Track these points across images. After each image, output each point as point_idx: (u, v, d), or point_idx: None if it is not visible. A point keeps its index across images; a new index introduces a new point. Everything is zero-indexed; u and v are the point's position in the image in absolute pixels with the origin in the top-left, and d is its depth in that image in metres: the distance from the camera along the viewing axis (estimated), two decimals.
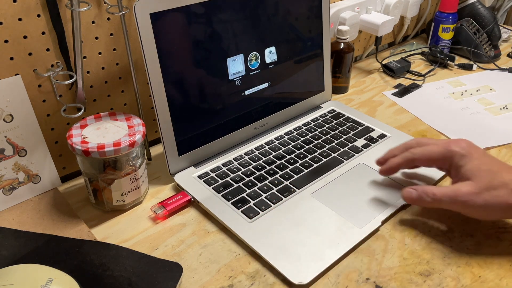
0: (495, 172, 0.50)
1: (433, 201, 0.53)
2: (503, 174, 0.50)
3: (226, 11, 0.63)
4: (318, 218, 0.57)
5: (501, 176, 0.50)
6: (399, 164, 0.58)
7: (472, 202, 0.50)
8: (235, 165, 0.66)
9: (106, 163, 0.55)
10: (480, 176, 0.50)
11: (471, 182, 0.51)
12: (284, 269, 0.50)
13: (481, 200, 0.50)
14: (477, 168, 0.51)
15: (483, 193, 0.49)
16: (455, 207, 0.52)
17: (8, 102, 0.57)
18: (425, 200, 0.53)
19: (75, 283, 0.46)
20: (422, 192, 0.53)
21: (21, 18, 0.55)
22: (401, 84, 0.95)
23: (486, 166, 0.51)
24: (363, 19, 0.94)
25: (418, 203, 0.55)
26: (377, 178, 0.64)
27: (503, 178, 0.49)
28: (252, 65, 0.69)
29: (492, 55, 1.04)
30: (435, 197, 0.52)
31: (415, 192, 0.54)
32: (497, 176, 0.50)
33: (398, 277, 0.50)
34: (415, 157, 0.56)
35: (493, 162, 0.52)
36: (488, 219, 0.52)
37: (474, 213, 0.52)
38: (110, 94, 0.68)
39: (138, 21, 0.55)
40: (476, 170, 0.51)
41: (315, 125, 0.77)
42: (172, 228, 0.58)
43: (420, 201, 0.54)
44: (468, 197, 0.50)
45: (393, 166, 0.58)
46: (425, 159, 0.56)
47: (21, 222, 0.58)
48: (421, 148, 0.56)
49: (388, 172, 0.60)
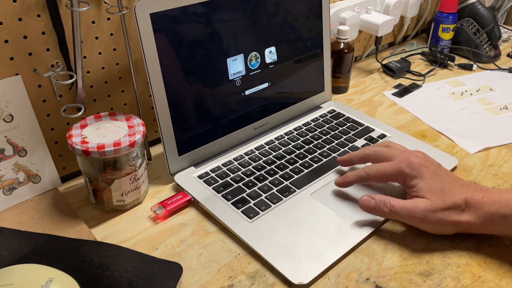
0: (446, 192, 0.52)
1: (390, 213, 0.54)
2: (454, 193, 0.52)
3: (226, 11, 0.63)
4: (318, 218, 0.57)
5: (452, 195, 0.52)
6: (353, 181, 0.60)
7: (428, 220, 0.52)
8: (235, 165, 0.66)
9: (106, 163, 0.55)
10: (434, 195, 0.52)
11: (428, 200, 0.52)
12: (284, 269, 0.50)
13: (436, 218, 0.52)
14: (429, 187, 0.53)
15: (438, 212, 0.52)
16: (410, 221, 0.54)
17: (8, 102, 0.57)
18: (383, 210, 0.54)
19: (75, 283, 0.46)
20: (380, 202, 0.54)
21: (21, 18, 0.55)
22: (401, 84, 0.95)
23: (437, 185, 0.53)
24: (363, 19, 0.94)
25: (374, 213, 0.55)
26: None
27: (454, 198, 0.52)
28: (252, 65, 0.69)
29: (492, 55, 1.04)
30: (393, 209, 0.53)
31: (373, 202, 0.55)
32: (449, 195, 0.52)
33: (398, 277, 0.50)
34: (369, 177, 0.58)
35: (444, 180, 0.54)
36: (439, 233, 0.54)
37: (428, 229, 0.54)
38: (110, 94, 0.68)
39: (138, 21, 0.55)
40: (428, 189, 0.53)
41: (315, 125, 0.77)
42: (172, 228, 0.58)
43: (376, 211, 0.55)
44: (425, 214, 0.52)
45: (347, 181, 0.60)
46: (378, 178, 0.58)
47: (21, 222, 0.58)
48: (375, 167, 0.57)
49: (342, 186, 0.61)
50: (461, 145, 0.74)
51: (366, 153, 0.60)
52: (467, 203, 0.51)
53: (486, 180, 0.65)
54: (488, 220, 0.50)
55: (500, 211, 0.50)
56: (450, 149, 0.73)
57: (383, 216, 0.55)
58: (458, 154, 0.72)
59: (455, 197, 0.52)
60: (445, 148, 0.73)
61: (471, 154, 0.72)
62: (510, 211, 0.49)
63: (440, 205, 0.51)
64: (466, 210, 0.51)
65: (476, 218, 0.51)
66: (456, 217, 0.51)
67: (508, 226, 0.50)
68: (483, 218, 0.51)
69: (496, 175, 0.67)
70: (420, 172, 0.54)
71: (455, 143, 0.75)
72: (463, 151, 0.72)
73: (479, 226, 0.51)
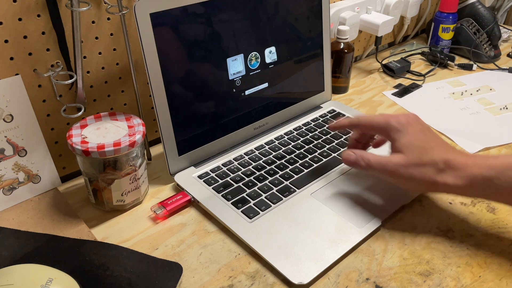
0: (426, 149, 0.52)
1: (367, 166, 0.55)
2: (434, 152, 0.52)
3: (226, 11, 0.63)
4: (318, 218, 0.57)
5: (432, 154, 0.52)
6: (344, 125, 0.62)
7: (399, 173, 0.53)
8: (235, 165, 0.66)
9: (106, 163, 0.55)
10: (411, 151, 0.53)
11: (403, 155, 0.53)
12: (284, 269, 0.50)
13: (408, 173, 0.52)
14: (409, 143, 0.53)
15: (411, 167, 0.52)
16: (384, 175, 0.55)
17: (8, 102, 0.57)
18: (360, 164, 0.56)
19: (75, 283, 0.46)
20: (359, 156, 0.56)
21: (21, 18, 0.55)
22: (401, 84, 0.95)
23: (419, 142, 0.53)
24: (363, 19, 0.94)
25: (354, 166, 0.57)
26: (377, 178, 0.64)
27: (433, 157, 0.52)
28: (252, 65, 0.69)
29: (492, 55, 1.04)
30: (369, 163, 0.55)
31: (353, 156, 0.57)
32: (428, 153, 0.52)
33: (398, 277, 0.50)
34: (360, 123, 0.59)
35: (429, 139, 0.54)
36: (413, 190, 0.56)
37: (401, 184, 0.55)
38: (110, 94, 0.68)
39: (138, 21, 0.55)
40: (408, 145, 0.53)
41: (315, 125, 0.77)
42: (172, 228, 0.58)
43: (356, 165, 0.57)
44: (396, 168, 0.53)
45: (339, 124, 0.62)
46: (367, 126, 0.59)
47: (21, 222, 0.58)
48: (367, 117, 0.59)
49: (334, 128, 0.63)
50: (461, 145, 0.74)
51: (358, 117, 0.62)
52: (448, 164, 0.51)
53: None
54: (470, 183, 0.50)
55: (483, 174, 0.49)
56: None
57: (360, 169, 0.56)
58: None
59: (434, 155, 0.51)
60: None
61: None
62: (493, 173, 0.49)
63: (415, 161, 0.52)
64: (447, 171, 0.51)
65: (457, 180, 0.50)
66: (431, 176, 0.51)
67: (489, 189, 0.50)
68: (465, 180, 0.50)
69: None
70: (406, 128, 0.54)
71: (455, 143, 0.75)
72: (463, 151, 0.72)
73: (459, 188, 0.51)
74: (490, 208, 0.60)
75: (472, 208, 0.60)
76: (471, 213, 0.59)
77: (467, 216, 0.59)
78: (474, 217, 0.59)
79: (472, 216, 0.59)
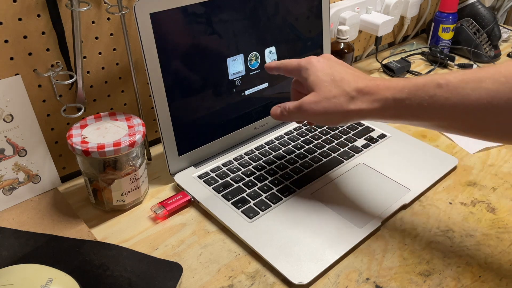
0: (337, 81, 0.52)
1: (289, 114, 0.56)
2: (343, 83, 0.52)
3: (226, 11, 0.63)
4: (318, 218, 0.57)
5: (342, 85, 0.52)
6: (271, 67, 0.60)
7: (312, 111, 0.53)
8: (235, 165, 0.66)
9: (106, 163, 0.55)
10: (321, 86, 0.53)
11: (314, 93, 0.53)
12: (284, 269, 0.50)
13: (321, 108, 0.52)
14: (318, 79, 0.53)
15: (323, 101, 0.52)
16: (301, 116, 0.55)
17: (8, 102, 0.57)
18: (284, 114, 0.56)
19: (75, 283, 0.46)
20: (283, 108, 0.57)
21: (21, 18, 0.55)
22: None
23: (328, 77, 0.53)
24: (363, 19, 0.94)
25: (281, 118, 0.57)
26: (377, 178, 0.64)
27: (344, 87, 0.52)
28: (252, 65, 0.69)
29: (492, 55, 1.04)
30: (290, 110, 0.55)
31: (279, 109, 0.57)
32: (337, 85, 0.52)
33: (398, 277, 0.50)
34: (281, 66, 0.59)
35: (337, 72, 0.53)
36: (332, 124, 0.55)
37: (317, 120, 0.54)
38: (110, 94, 0.68)
39: (138, 21, 0.55)
40: (318, 81, 0.53)
41: (315, 125, 0.77)
42: (172, 228, 0.58)
43: (281, 116, 0.57)
44: (309, 105, 0.53)
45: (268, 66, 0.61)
46: (286, 69, 0.59)
47: (21, 222, 0.58)
48: (286, 60, 0.59)
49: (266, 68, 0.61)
50: (461, 145, 0.74)
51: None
52: (359, 91, 0.51)
53: (486, 180, 0.65)
54: (382, 106, 0.50)
55: (395, 96, 0.49)
56: (450, 149, 0.73)
57: (287, 120, 0.57)
58: (458, 154, 0.72)
59: (345, 86, 0.51)
60: (445, 148, 0.73)
61: (471, 154, 0.72)
62: (404, 95, 0.48)
63: (326, 95, 0.52)
64: (359, 97, 0.51)
65: (369, 104, 0.50)
66: (344, 105, 0.51)
67: (402, 111, 0.49)
68: (377, 103, 0.50)
69: (496, 175, 0.67)
70: (314, 65, 0.54)
71: (455, 143, 0.75)
72: (463, 151, 0.72)
73: (372, 112, 0.50)
74: (490, 208, 0.60)
75: (472, 208, 0.60)
76: (471, 213, 0.59)
77: (467, 216, 0.59)
78: (474, 217, 0.59)
79: (472, 216, 0.59)
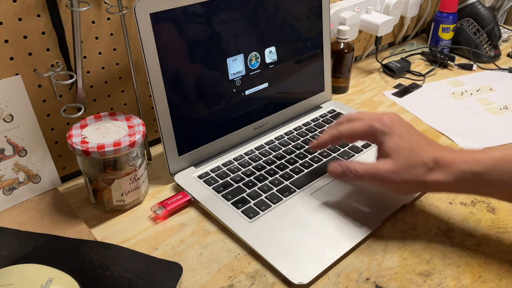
0: (414, 151, 0.51)
1: (355, 177, 0.54)
2: (422, 152, 0.51)
3: (226, 11, 0.63)
4: (318, 218, 0.57)
5: (420, 154, 0.51)
6: (326, 141, 0.59)
7: (390, 180, 0.51)
8: (235, 165, 0.66)
9: (106, 163, 0.55)
10: (399, 154, 0.51)
11: (391, 160, 0.51)
12: (284, 269, 0.50)
13: (399, 178, 0.51)
14: (396, 146, 0.52)
15: (402, 171, 0.51)
16: (375, 183, 0.54)
17: (8, 102, 0.57)
18: (348, 175, 0.54)
19: (75, 283, 0.46)
20: (346, 168, 0.54)
21: (21, 18, 0.55)
22: (401, 84, 0.95)
23: (406, 144, 0.52)
24: (363, 19, 0.94)
25: (343, 179, 0.56)
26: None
27: (422, 157, 0.50)
28: (252, 65, 0.69)
29: (492, 55, 1.04)
30: (357, 173, 0.53)
31: (339, 168, 0.55)
32: (416, 154, 0.51)
33: (398, 277, 0.50)
34: (341, 135, 0.57)
35: (415, 139, 0.53)
36: (404, 193, 0.54)
37: (393, 189, 0.54)
38: (110, 94, 0.68)
39: (138, 21, 0.55)
40: (396, 148, 0.52)
41: (315, 125, 0.77)
42: (172, 228, 0.58)
43: (344, 176, 0.55)
44: (387, 175, 0.51)
45: (320, 143, 0.59)
46: (350, 136, 0.57)
47: (21, 222, 0.58)
48: (347, 125, 0.57)
49: (316, 148, 0.61)
50: (461, 145, 0.74)
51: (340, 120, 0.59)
52: (436, 162, 0.50)
53: None
54: (459, 179, 0.49)
55: (471, 169, 0.48)
56: None
57: (350, 181, 0.56)
58: None
59: (423, 156, 0.50)
60: None
61: None
62: (482, 168, 0.48)
63: (404, 164, 0.50)
64: (436, 169, 0.50)
65: (446, 177, 0.49)
66: (422, 177, 0.50)
67: (479, 184, 0.49)
68: (454, 176, 0.49)
69: None
70: (391, 129, 0.53)
71: (455, 143, 0.75)
72: None
73: (449, 185, 0.50)
74: (490, 208, 0.60)
75: (472, 208, 0.60)
76: (471, 213, 0.59)
77: (467, 216, 0.59)
78: (474, 217, 0.59)
79: (472, 216, 0.59)
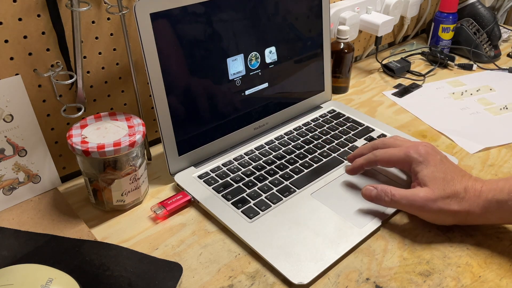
0: (448, 181, 0.53)
1: (391, 202, 0.55)
2: (455, 182, 0.53)
3: (226, 11, 0.63)
4: (318, 218, 0.57)
5: (454, 184, 0.53)
6: (362, 165, 0.61)
7: (428, 208, 0.53)
8: (235, 165, 0.66)
9: (106, 163, 0.55)
10: (436, 183, 0.53)
11: (428, 189, 0.53)
12: (284, 269, 0.50)
13: (436, 207, 0.53)
14: (432, 175, 0.54)
15: (439, 200, 0.52)
16: (411, 210, 0.55)
17: (8, 102, 0.57)
18: (384, 199, 0.55)
19: (75, 283, 0.46)
20: (381, 191, 0.55)
21: (21, 18, 0.55)
22: (401, 84, 0.95)
23: (441, 174, 0.54)
24: (363, 19, 0.94)
25: (377, 202, 0.56)
26: (378, 178, 0.64)
27: (455, 187, 0.52)
28: (252, 65, 0.69)
29: (492, 55, 1.04)
30: (394, 198, 0.54)
31: (374, 191, 0.56)
32: (450, 184, 0.53)
33: (398, 277, 0.50)
34: (377, 159, 0.59)
35: (448, 169, 0.54)
36: (439, 223, 0.55)
37: (428, 218, 0.55)
38: (110, 94, 0.68)
39: (138, 21, 0.55)
40: (431, 177, 0.54)
41: (315, 125, 0.77)
42: (172, 228, 0.58)
43: (378, 200, 0.56)
44: (425, 203, 0.53)
45: (356, 166, 0.62)
46: (386, 162, 0.59)
47: (21, 222, 0.58)
48: (383, 150, 0.59)
49: (353, 172, 0.63)
50: (461, 145, 0.74)
51: (375, 143, 0.62)
52: (466, 191, 0.52)
53: None
54: (486, 208, 0.51)
55: (496, 197, 0.50)
56: (450, 149, 0.73)
57: (384, 205, 0.56)
58: (458, 154, 0.72)
59: (456, 185, 0.52)
60: (445, 148, 0.73)
61: (471, 154, 0.72)
62: (505, 196, 0.50)
63: (441, 193, 0.52)
64: (466, 199, 0.52)
65: (475, 207, 0.52)
66: (455, 206, 0.52)
67: (504, 211, 0.50)
68: (481, 206, 0.51)
69: (496, 175, 0.67)
70: (427, 158, 0.55)
71: (455, 143, 0.75)
72: (463, 151, 0.72)
73: (478, 215, 0.52)
74: None
75: None
76: None
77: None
78: None
79: None
